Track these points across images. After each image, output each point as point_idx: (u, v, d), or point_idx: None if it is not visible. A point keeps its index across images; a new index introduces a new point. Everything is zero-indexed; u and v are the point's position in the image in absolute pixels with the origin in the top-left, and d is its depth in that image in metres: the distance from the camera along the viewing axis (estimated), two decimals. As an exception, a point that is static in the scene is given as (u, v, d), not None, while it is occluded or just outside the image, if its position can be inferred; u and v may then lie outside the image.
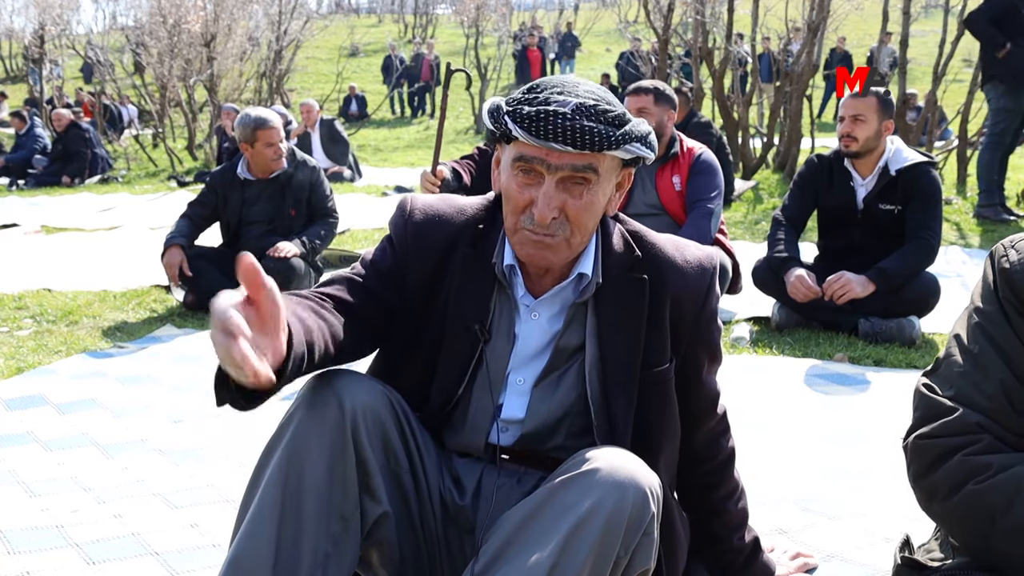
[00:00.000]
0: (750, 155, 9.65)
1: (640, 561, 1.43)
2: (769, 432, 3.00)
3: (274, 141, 4.72)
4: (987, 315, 1.46)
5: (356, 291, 1.61)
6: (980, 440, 1.39)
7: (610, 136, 1.47)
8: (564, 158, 1.48)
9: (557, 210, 1.50)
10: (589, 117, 1.47)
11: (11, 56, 27.80)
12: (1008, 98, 6.62)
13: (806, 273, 4.02)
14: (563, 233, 1.52)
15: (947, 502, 1.42)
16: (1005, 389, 1.40)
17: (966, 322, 1.50)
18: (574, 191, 1.50)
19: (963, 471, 1.39)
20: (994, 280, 1.47)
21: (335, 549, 1.47)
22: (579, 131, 1.45)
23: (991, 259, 1.50)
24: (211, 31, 13.79)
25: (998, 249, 1.49)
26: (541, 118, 1.46)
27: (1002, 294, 1.44)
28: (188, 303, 4.70)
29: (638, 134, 1.51)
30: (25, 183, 11.27)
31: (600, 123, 1.47)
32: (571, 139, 1.45)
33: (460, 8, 24.45)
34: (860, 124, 3.98)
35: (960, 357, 1.47)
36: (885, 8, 10.11)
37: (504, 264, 1.61)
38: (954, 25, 8.79)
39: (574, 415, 1.63)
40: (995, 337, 1.43)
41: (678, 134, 4.36)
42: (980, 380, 1.42)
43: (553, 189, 1.49)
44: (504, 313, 1.63)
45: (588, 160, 1.48)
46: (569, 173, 1.49)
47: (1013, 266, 1.44)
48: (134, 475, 2.68)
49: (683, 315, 1.62)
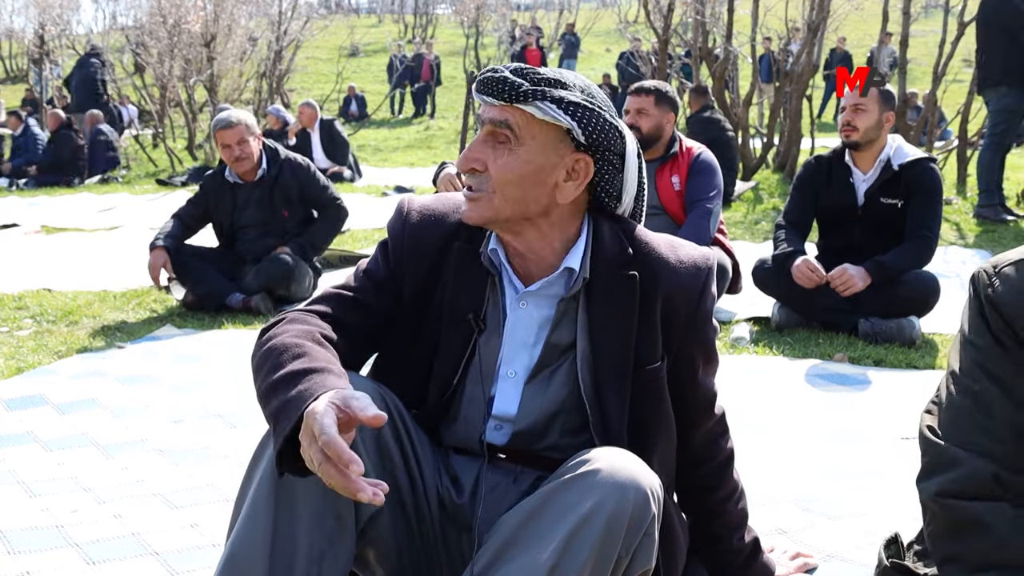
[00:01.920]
0: (750, 155, 9.65)
1: (641, 561, 1.43)
2: (769, 432, 3.00)
3: (229, 142, 4.64)
4: (982, 350, 1.42)
5: (350, 306, 1.63)
6: (1001, 514, 1.37)
7: (519, 87, 1.51)
8: (489, 111, 1.55)
9: (477, 161, 1.55)
10: (514, 73, 1.53)
11: (11, 56, 27.81)
12: (1010, 98, 6.60)
13: (811, 259, 4.02)
14: (485, 189, 1.55)
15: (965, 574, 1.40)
16: (1013, 426, 1.37)
17: (961, 356, 1.46)
18: (499, 149, 1.55)
19: (989, 555, 1.38)
20: (982, 311, 1.43)
21: (330, 547, 1.47)
22: (497, 81, 1.52)
23: (975, 287, 1.45)
24: (211, 31, 13.78)
25: (981, 278, 1.44)
26: (484, 75, 1.55)
27: (994, 326, 1.40)
28: (188, 303, 4.70)
29: (558, 97, 1.52)
30: (25, 183, 11.27)
31: (521, 79, 1.52)
32: (490, 88, 1.53)
33: (460, 8, 24.45)
34: (861, 113, 3.98)
35: (960, 396, 1.43)
36: (885, 8, 10.11)
37: (489, 250, 1.63)
38: (954, 25, 8.78)
39: (567, 412, 1.63)
40: (994, 372, 1.40)
41: (678, 134, 4.37)
42: (986, 422, 1.39)
43: (479, 142, 1.56)
44: (497, 304, 1.64)
45: (505, 114, 1.53)
46: (491, 128, 1.55)
47: (1000, 296, 1.40)
48: (134, 475, 2.68)
49: (676, 313, 1.62)
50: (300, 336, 1.50)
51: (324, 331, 1.55)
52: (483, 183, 1.55)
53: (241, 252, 4.84)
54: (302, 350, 1.46)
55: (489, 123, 1.55)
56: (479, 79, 1.55)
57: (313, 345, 1.48)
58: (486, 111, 1.55)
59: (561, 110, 1.52)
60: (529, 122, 1.53)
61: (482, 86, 1.54)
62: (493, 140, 1.55)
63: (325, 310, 1.60)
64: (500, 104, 1.53)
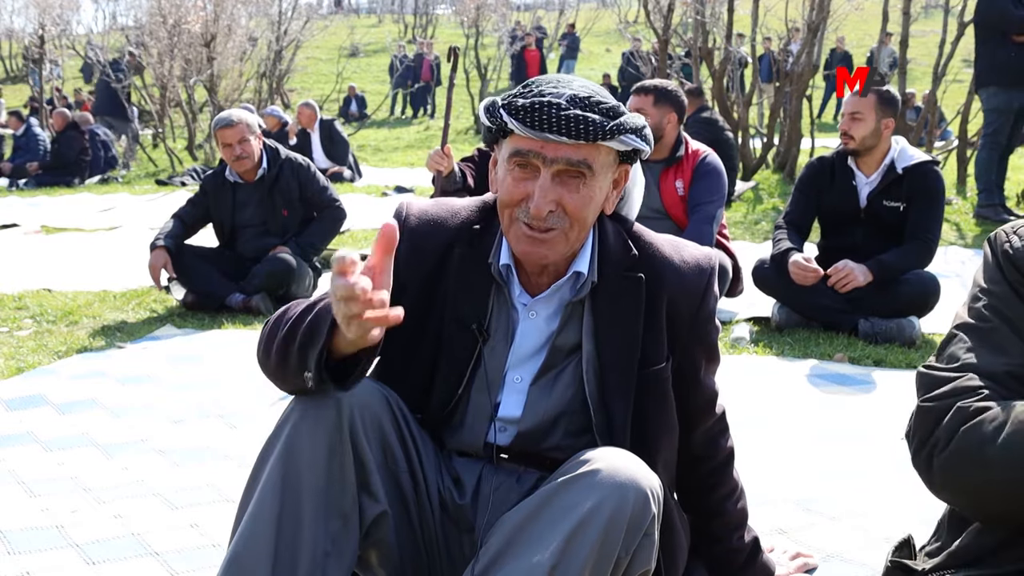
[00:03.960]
0: (750, 155, 9.65)
1: (641, 562, 1.43)
2: (769, 432, 3.00)
3: (230, 141, 4.64)
4: (997, 295, 1.44)
5: None
6: (981, 393, 1.36)
7: (604, 126, 1.47)
8: (560, 150, 1.48)
9: (554, 203, 1.50)
10: (583, 107, 1.47)
11: (11, 56, 27.81)
12: (999, 98, 6.64)
13: (802, 256, 4.01)
14: (561, 227, 1.52)
15: (943, 454, 1.37)
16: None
17: (971, 306, 1.47)
18: (570, 185, 1.51)
19: (957, 417, 1.36)
20: (997, 263, 1.46)
21: (334, 548, 1.47)
22: (573, 120, 1.46)
23: (991, 245, 1.49)
24: (211, 31, 13.78)
25: (999, 235, 1.48)
26: (536, 108, 1.46)
27: (1011, 277, 1.43)
28: (188, 303, 4.70)
29: (633, 126, 1.51)
30: (25, 183, 11.27)
31: (594, 113, 1.48)
32: (566, 129, 1.46)
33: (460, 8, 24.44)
34: (857, 122, 3.99)
35: (968, 336, 1.44)
36: (885, 8, 10.10)
37: (500, 264, 1.62)
38: (954, 25, 8.78)
39: (571, 413, 1.63)
40: (1007, 315, 1.41)
41: (685, 136, 4.33)
42: (993, 355, 1.40)
43: (549, 182, 1.50)
44: (502, 313, 1.64)
45: (583, 153, 1.49)
46: (564, 167, 1.49)
47: (1018, 252, 1.43)
48: (134, 475, 2.68)
49: (680, 314, 1.62)
50: (304, 303, 1.50)
51: None
52: (559, 220, 1.52)
53: (241, 252, 4.84)
54: (308, 303, 1.47)
55: (564, 163, 1.49)
56: (533, 116, 1.46)
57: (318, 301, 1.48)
58: (554, 150, 1.48)
59: (639, 137, 1.52)
60: (604, 154, 1.52)
61: (555, 127, 1.45)
62: (564, 177, 1.51)
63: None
64: (578, 144, 1.48)
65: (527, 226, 1.52)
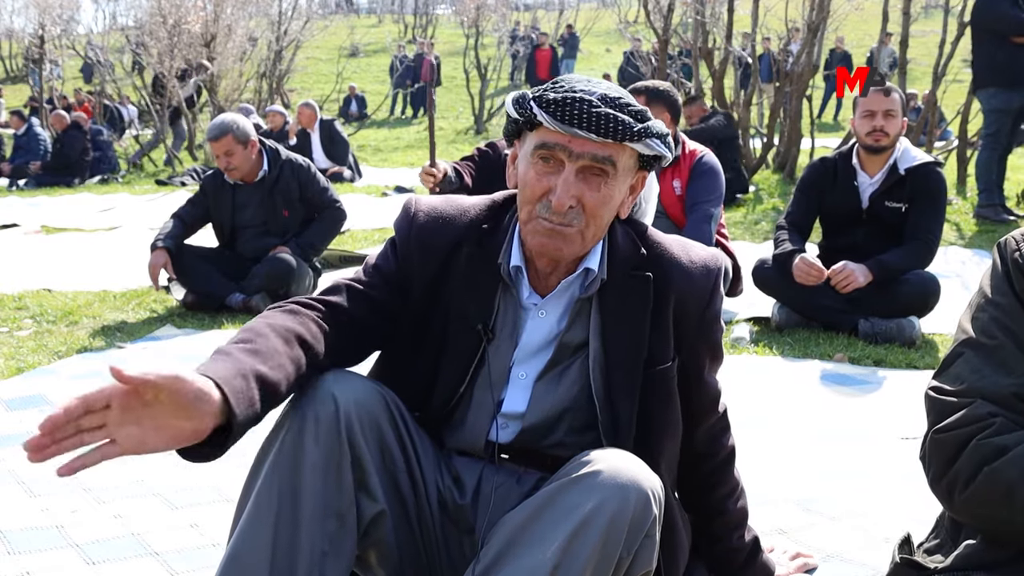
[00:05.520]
0: (750, 155, 9.65)
1: (642, 563, 1.44)
2: (769, 432, 3.00)
3: (218, 153, 4.64)
4: (1004, 308, 1.43)
5: (358, 298, 1.61)
6: (993, 423, 1.37)
7: (632, 127, 1.49)
8: (586, 146, 1.49)
9: (575, 199, 1.51)
10: (614, 107, 1.49)
11: (11, 56, 27.81)
12: (998, 99, 6.65)
13: (810, 256, 4.01)
14: (578, 224, 1.53)
15: (966, 491, 1.39)
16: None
17: (976, 316, 1.47)
18: (592, 182, 1.52)
19: (978, 455, 1.37)
20: (1006, 272, 1.45)
21: (332, 547, 1.48)
22: (603, 118, 1.47)
23: (1000, 252, 1.48)
24: (211, 31, 13.78)
25: (1009, 243, 1.47)
26: (568, 103, 1.47)
27: (1018, 287, 1.42)
28: (188, 303, 4.70)
29: (658, 131, 1.53)
30: (25, 183, 11.27)
31: (624, 113, 1.49)
32: (595, 126, 1.47)
33: (460, 8, 24.44)
34: (892, 119, 3.97)
35: (973, 353, 1.44)
36: (885, 8, 10.10)
37: (511, 265, 1.62)
38: (954, 25, 8.78)
39: (575, 410, 1.63)
40: (1012, 328, 1.41)
41: (682, 136, 4.34)
42: (999, 375, 1.39)
43: (573, 177, 1.50)
44: (508, 312, 1.64)
45: (609, 151, 1.50)
46: (589, 163, 1.50)
47: None
48: (134, 475, 2.67)
49: (687, 314, 1.63)
50: (268, 326, 1.48)
51: (307, 327, 1.52)
52: (576, 217, 1.52)
53: (241, 252, 4.84)
54: (250, 336, 1.46)
55: (590, 159, 1.50)
56: (564, 111, 1.47)
57: (270, 335, 1.46)
58: (581, 145, 1.49)
59: (663, 144, 1.53)
60: (627, 156, 1.53)
61: (584, 123, 1.47)
62: (587, 174, 1.52)
63: (332, 300, 1.60)
64: (605, 141, 1.49)
65: (545, 220, 1.53)
